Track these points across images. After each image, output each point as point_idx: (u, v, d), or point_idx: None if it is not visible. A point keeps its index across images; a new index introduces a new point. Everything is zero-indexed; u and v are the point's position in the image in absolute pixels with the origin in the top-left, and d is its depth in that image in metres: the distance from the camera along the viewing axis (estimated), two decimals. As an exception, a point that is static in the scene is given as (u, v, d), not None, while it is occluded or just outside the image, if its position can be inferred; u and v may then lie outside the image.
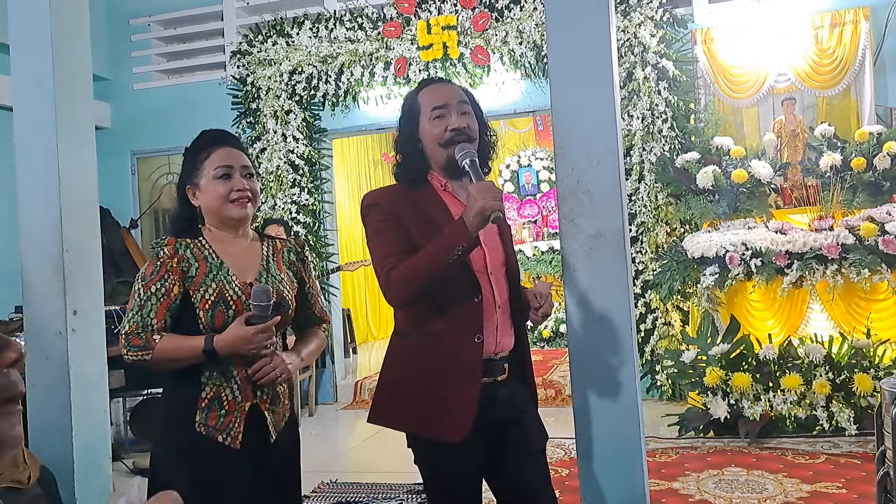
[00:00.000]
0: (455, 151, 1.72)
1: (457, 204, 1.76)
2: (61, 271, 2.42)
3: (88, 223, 2.57)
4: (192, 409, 1.69)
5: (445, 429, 1.68)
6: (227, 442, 1.69)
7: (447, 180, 1.79)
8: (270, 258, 1.84)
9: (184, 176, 1.83)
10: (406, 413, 1.76)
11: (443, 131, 1.75)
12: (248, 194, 1.79)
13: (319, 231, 5.79)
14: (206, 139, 1.83)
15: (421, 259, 1.65)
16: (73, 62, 2.59)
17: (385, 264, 1.69)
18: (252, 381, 1.72)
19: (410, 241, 1.69)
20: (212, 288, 1.72)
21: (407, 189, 1.79)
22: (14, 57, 2.55)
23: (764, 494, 3.21)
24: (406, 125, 1.82)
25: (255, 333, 1.68)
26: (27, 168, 2.53)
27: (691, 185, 4.67)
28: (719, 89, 5.05)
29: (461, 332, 1.69)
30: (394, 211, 1.73)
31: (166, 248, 1.74)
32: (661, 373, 4.90)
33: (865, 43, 4.79)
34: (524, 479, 1.79)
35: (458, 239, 1.61)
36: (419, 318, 1.75)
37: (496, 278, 1.77)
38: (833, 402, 3.96)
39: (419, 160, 1.78)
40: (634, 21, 5.01)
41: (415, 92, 1.86)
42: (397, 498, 3.40)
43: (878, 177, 4.45)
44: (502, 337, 1.76)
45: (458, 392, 1.68)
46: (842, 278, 4.03)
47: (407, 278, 1.66)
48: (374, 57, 5.52)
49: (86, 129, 2.65)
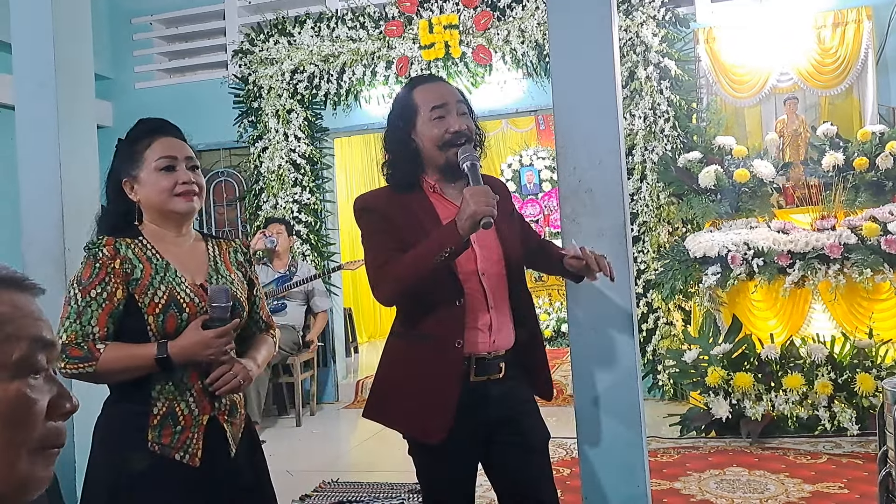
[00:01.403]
0: (458, 154, 1.71)
1: (447, 206, 1.76)
2: (63, 271, 2.42)
3: (90, 222, 2.57)
4: (143, 427, 1.53)
5: (427, 430, 1.71)
6: (186, 460, 1.55)
7: (438, 182, 1.78)
8: (217, 258, 1.72)
9: (118, 168, 1.67)
10: (393, 412, 1.80)
11: (442, 133, 1.72)
12: (194, 188, 1.65)
13: (321, 230, 5.80)
14: (145, 128, 1.68)
15: (409, 258, 1.66)
16: (75, 61, 2.59)
17: (375, 263, 1.72)
18: (209, 392, 1.59)
19: (401, 242, 1.70)
20: (161, 290, 1.57)
21: (396, 192, 1.77)
22: (16, 56, 2.56)
23: (766, 494, 3.20)
24: (399, 125, 1.77)
25: (215, 337, 1.55)
26: (29, 168, 2.53)
27: (693, 184, 4.66)
28: (721, 89, 5.04)
29: (442, 336, 1.71)
30: (384, 214, 1.74)
31: (105, 249, 1.58)
32: (663, 372, 4.89)
33: (868, 42, 4.78)
34: (522, 475, 1.79)
35: (447, 241, 1.61)
36: (406, 318, 1.79)
37: (489, 278, 1.76)
38: (835, 402, 3.96)
39: (412, 161, 1.76)
40: (636, 20, 5.01)
41: (408, 89, 1.81)
42: (398, 497, 3.39)
43: (881, 176, 4.44)
44: (497, 336, 1.75)
45: (437, 395, 1.70)
46: (844, 278, 4.02)
47: (395, 276, 1.67)
48: (375, 56, 5.52)
49: (88, 129, 2.65)
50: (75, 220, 2.48)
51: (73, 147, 2.54)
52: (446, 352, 1.70)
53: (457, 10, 5.36)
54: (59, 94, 2.51)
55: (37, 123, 2.52)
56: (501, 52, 5.29)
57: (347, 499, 3.40)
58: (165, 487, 1.53)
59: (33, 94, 2.52)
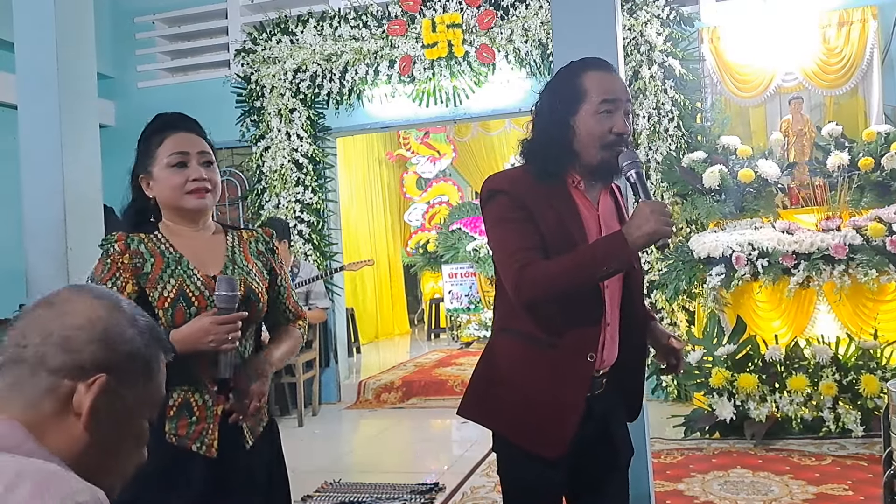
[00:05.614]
0: (620, 159, 1.56)
1: (588, 207, 1.63)
2: (65, 269, 2.42)
3: (92, 221, 2.57)
4: (160, 418, 1.52)
5: (543, 444, 1.59)
6: (203, 451, 1.56)
7: (583, 179, 1.62)
8: (236, 248, 1.69)
9: (137, 165, 1.66)
10: (503, 416, 1.65)
11: (607, 131, 1.56)
12: (206, 184, 1.61)
13: (323, 230, 5.79)
14: (159, 123, 1.66)
15: (569, 263, 1.52)
16: (78, 60, 2.59)
17: (517, 258, 1.54)
18: (219, 384, 1.57)
19: (541, 238, 1.55)
20: (170, 284, 1.56)
21: (536, 179, 1.60)
22: (19, 55, 2.55)
23: (770, 496, 3.19)
24: (559, 106, 1.59)
25: (215, 324, 1.52)
26: (31, 166, 2.53)
27: (698, 184, 4.64)
28: (726, 88, 5.02)
29: (576, 348, 1.59)
30: (523, 202, 1.56)
31: (116, 245, 1.58)
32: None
33: (873, 42, 4.76)
34: (603, 493, 1.73)
35: (618, 256, 1.50)
36: (539, 322, 1.60)
37: (611, 294, 1.65)
38: (840, 403, 3.94)
39: (563, 150, 1.59)
40: (641, 19, 4.99)
41: (578, 70, 1.61)
42: (400, 498, 3.39)
43: (886, 177, 4.42)
44: (607, 354, 1.66)
45: (562, 409, 1.59)
46: (849, 279, 4.00)
47: (548, 278, 1.52)
48: (378, 55, 5.51)
49: (90, 128, 2.65)
50: (77, 219, 2.48)
51: (75, 146, 2.54)
52: (576, 364, 1.58)
53: (460, 8, 5.35)
54: (62, 93, 2.50)
55: (39, 122, 2.51)
56: (505, 52, 5.28)
57: (349, 499, 3.39)
58: (183, 478, 1.54)
59: (36, 94, 2.52)
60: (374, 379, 5.87)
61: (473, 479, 3.62)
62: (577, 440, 1.61)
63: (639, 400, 1.79)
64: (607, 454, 1.72)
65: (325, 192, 5.82)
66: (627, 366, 1.72)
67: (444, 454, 4.27)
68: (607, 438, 1.71)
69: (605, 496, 1.74)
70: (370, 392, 5.68)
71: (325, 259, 5.74)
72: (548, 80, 1.71)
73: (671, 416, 4.35)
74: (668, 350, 1.75)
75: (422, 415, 5.17)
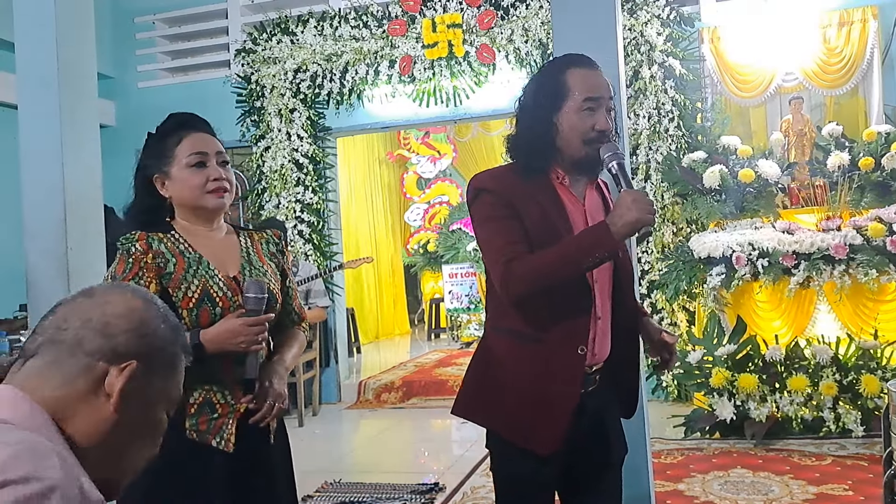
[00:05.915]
0: (601, 151, 1.58)
1: (573, 201, 1.65)
2: (65, 269, 2.42)
3: (92, 221, 2.57)
4: (181, 415, 1.55)
5: (535, 440, 1.60)
6: (221, 445, 1.58)
7: (567, 174, 1.64)
8: (250, 249, 1.72)
9: (148, 164, 1.66)
10: (496, 413, 1.65)
11: (589, 128, 1.58)
12: (224, 184, 1.65)
13: (324, 230, 5.79)
14: (175, 123, 1.68)
15: (554, 255, 1.53)
16: (78, 60, 2.59)
17: (504, 254, 1.55)
18: (243, 383, 1.60)
19: (526, 233, 1.57)
20: (194, 285, 1.58)
21: (521, 176, 1.62)
22: (19, 55, 2.55)
23: (770, 496, 3.19)
24: (543, 102, 1.61)
25: (245, 325, 1.56)
26: (32, 167, 2.53)
27: (698, 184, 4.64)
28: (726, 88, 5.02)
29: (567, 341, 1.60)
30: (509, 199, 1.58)
31: (138, 244, 1.59)
32: (667, 373, 4.88)
33: (874, 42, 4.75)
34: (596, 490, 1.73)
35: (601, 245, 1.51)
36: (528, 318, 1.61)
37: (601, 287, 1.66)
38: (840, 403, 3.94)
39: (547, 146, 1.61)
40: (641, 19, 4.99)
41: (561, 68, 1.63)
42: (401, 498, 3.39)
43: (887, 177, 4.42)
44: (599, 349, 1.66)
45: (554, 405, 1.59)
46: (849, 279, 4.00)
47: (535, 274, 1.54)
48: (378, 55, 5.51)
49: (90, 128, 2.65)
50: (77, 219, 2.48)
51: (75, 146, 2.54)
52: (568, 358, 1.59)
53: (460, 8, 5.35)
54: (62, 93, 2.50)
55: (39, 122, 2.51)
56: (505, 52, 5.28)
57: (350, 499, 3.39)
58: (202, 472, 1.56)
59: (36, 94, 2.52)
60: (375, 379, 5.87)
61: (473, 479, 3.62)
62: (571, 437, 1.62)
63: (634, 396, 1.79)
64: (601, 452, 1.72)
65: (325, 192, 5.82)
66: (621, 360, 1.72)
67: (445, 454, 4.27)
68: (601, 436, 1.71)
69: (598, 493, 1.74)
70: (370, 392, 5.68)
71: (325, 259, 5.74)
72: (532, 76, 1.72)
73: (671, 416, 4.35)
74: (660, 344, 1.75)
75: (422, 415, 5.17)
